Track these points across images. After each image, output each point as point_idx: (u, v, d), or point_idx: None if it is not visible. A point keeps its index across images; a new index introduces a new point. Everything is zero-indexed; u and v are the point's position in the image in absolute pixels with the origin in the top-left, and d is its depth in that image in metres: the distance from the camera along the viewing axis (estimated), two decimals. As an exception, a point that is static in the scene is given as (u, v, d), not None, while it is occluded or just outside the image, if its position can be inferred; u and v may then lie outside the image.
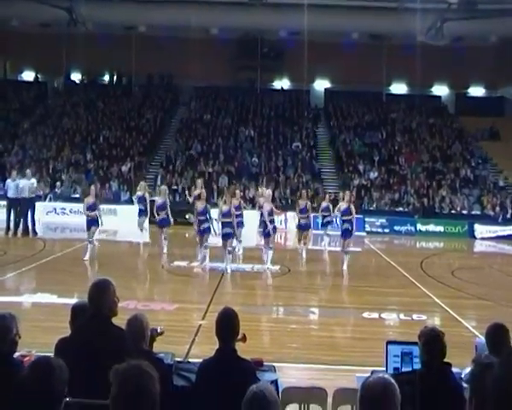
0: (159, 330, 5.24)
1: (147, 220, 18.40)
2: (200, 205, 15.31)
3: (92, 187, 16.56)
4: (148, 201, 18.23)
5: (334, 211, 17.87)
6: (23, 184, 20.41)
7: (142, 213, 18.30)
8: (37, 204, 21.70)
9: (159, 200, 17.05)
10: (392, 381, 2.71)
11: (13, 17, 32.75)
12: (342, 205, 15.90)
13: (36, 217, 20.92)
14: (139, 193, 18.66)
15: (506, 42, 30.24)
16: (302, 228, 17.52)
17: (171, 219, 17.24)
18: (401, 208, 27.46)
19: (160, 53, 33.01)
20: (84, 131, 32.42)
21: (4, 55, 36.06)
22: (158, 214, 16.82)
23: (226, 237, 14.66)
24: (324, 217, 19.10)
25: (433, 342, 4.46)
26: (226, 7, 30.07)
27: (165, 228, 16.99)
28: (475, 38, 32.39)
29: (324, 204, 19.34)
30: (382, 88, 36.34)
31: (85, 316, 4.90)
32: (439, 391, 3.95)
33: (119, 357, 4.22)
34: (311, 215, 18.62)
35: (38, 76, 38.14)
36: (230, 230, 14.68)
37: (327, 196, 20.36)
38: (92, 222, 15.75)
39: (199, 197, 15.77)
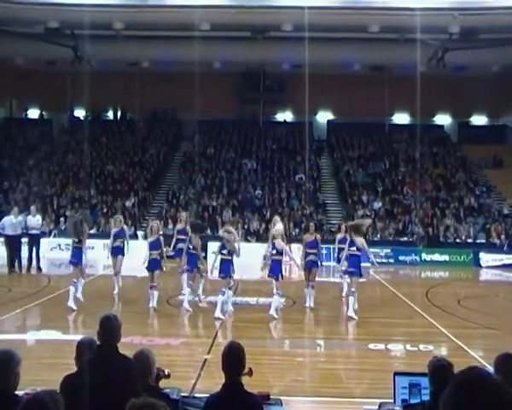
0: (166, 373, 5.21)
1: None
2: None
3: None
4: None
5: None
6: (30, 220, 20.57)
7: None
8: (42, 240, 21.83)
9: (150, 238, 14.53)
10: None
11: (18, 55, 33.30)
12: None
13: (40, 253, 21.01)
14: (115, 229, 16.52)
15: (507, 71, 30.47)
16: (309, 266, 14.73)
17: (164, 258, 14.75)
18: (405, 238, 27.45)
19: (163, 88, 33.37)
20: (89, 166, 32.62)
21: (10, 94, 36.53)
22: (150, 254, 14.17)
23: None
24: (340, 250, 15.81)
25: (441, 372, 4.46)
26: (229, 41, 30.44)
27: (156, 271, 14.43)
28: (477, 67, 32.66)
29: (340, 236, 16.47)
30: (385, 118, 36.58)
31: (93, 350, 4.93)
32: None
33: (129, 388, 4.23)
34: (321, 251, 16.26)
35: (43, 113, 38.63)
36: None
37: (342, 226, 16.84)
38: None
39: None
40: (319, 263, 15.07)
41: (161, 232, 15.28)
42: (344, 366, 10.07)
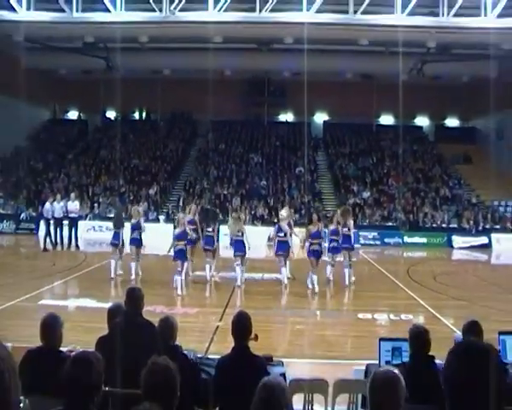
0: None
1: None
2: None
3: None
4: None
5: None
6: (70, 205, 20.71)
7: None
8: (80, 223, 21.94)
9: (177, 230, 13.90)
10: (398, 373, 2.71)
11: (60, 66, 33.52)
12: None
13: (78, 234, 21.11)
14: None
15: (476, 81, 30.39)
16: (315, 256, 13.69)
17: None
18: (390, 223, 27.37)
19: (181, 92, 33.25)
20: (118, 160, 32.63)
21: (53, 99, 36.69)
22: (176, 245, 13.30)
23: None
24: (332, 241, 14.66)
25: (419, 337, 4.48)
26: (238, 52, 30.27)
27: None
28: (451, 77, 32.52)
29: (332, 227, 14.80)
30: (373, 119, 36.40)
31: (121, 315, 4.98)
32: (424, 380, 3.95)
33: (151, 347, 4.26)
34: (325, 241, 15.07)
35: (81, 115, 38.65)
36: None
37: (335, 217, 15.00)
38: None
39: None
40: (322, 251, 14.07)
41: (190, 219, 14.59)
42: (336, 333, 10.10)
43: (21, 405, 3.51)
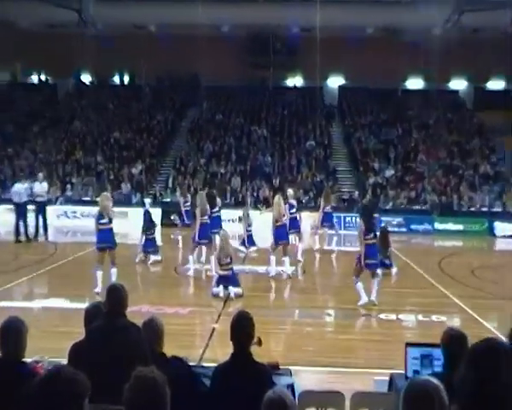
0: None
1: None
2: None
3: None
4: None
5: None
6: (36, 187, 20.58)
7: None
8: (48, 208, 21.87)
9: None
10: (439, 384, 2.68)
11: (20, 17, 32.89)
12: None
13: (47, 221, 21.07)
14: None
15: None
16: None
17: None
18: (418, 207, 27.29)
19: (170, 52, 33.11)
20: (95, 133, 32.59)
21: (13, 58, 36.25)
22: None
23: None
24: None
25: (454, 343, 4.43)
26: (237, 3, 30.08)
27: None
28: (494, 29, 32.06)
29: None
30: (398, 84, 36.16)
31: (101, 318, 4.95)
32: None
33: (137, 356, 4.25)
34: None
35: (48, 78, 38.48)
36: None
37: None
38: None
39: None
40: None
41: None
42: (354, 337, 10.12)
43: None
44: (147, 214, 16.95)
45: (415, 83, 37.19)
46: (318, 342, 9.66)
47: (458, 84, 37.49)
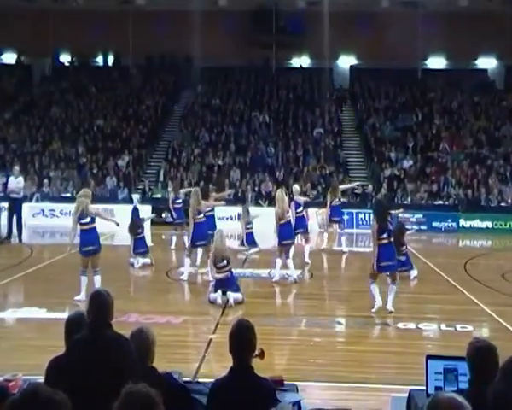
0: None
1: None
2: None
3: None
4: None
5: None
6: (11, 183, 20.51)
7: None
8: (24, 205, 21.81)
9: None
10: (465, 402, 2.68)
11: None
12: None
13: (22, 220, 21.02)
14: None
15: None
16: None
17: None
18: (440, 202, 27.30)
19: (160, 30, 33.13)
20: (76, 120, 32.58)
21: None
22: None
23: None
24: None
25: (482, 356, 4.42)
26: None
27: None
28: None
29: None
30: (417, 63, 36.18)
31: (84, 329, 4.94)
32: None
33: (125, 371, 4.24)
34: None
35: (22, 58, 38.36)
36: None
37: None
38: None
39: None
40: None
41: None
42: (368, 348, 10.11)
43: None
44: (135, 212, 16.97)
45: (437, 62, 37.12)
46: (328, 354, 9.67)
47: (487, 62, 37.36)
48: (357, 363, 9.23)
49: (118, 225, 13.96)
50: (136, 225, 16.62)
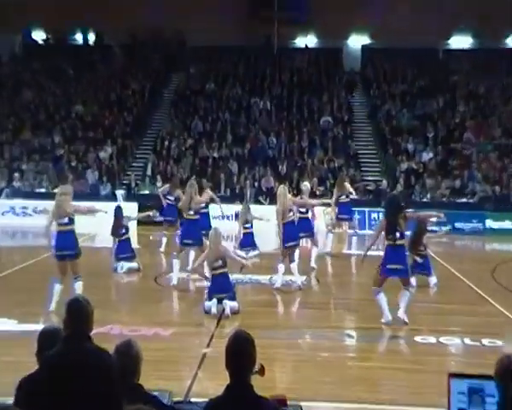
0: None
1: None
2: None
3: None
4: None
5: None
6: None
7: None
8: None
9: None
10: None
11: None
12: None
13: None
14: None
15: None
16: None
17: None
18: (465, 199, 27.32)
19: (147, 4, 33.15)
20: (50, 106, 32.58)
21: None
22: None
23: None
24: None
25: (512, 375, 4.44)
26: None
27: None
28: None
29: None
30: (438, 42, 36.24)
31: (59, 342, 4.93)
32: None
33: (106, 390, 4.24)
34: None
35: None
36: None
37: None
38: None
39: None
40: None
41: None
42: (382, 364, 10.13)
43: None
44: (118, 211, 16.97)
45: (460, 41, 37.22)
46: (336, 371, 9.69)
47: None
48: (369, 381, 9.25)
49: (106, 212, 14.08)
50: (119, 225, 16.61)
